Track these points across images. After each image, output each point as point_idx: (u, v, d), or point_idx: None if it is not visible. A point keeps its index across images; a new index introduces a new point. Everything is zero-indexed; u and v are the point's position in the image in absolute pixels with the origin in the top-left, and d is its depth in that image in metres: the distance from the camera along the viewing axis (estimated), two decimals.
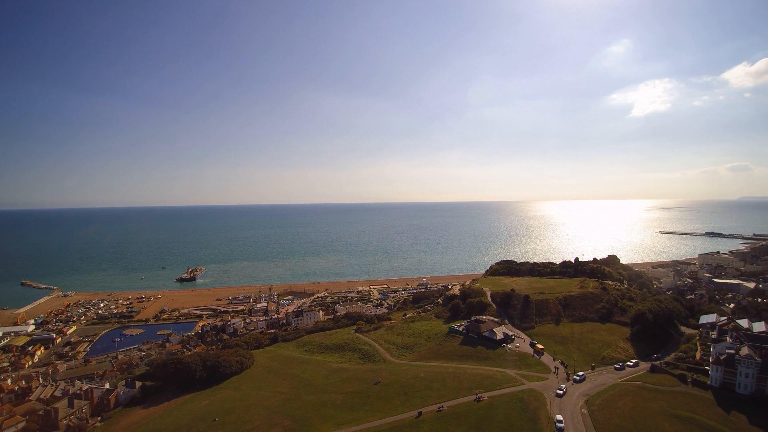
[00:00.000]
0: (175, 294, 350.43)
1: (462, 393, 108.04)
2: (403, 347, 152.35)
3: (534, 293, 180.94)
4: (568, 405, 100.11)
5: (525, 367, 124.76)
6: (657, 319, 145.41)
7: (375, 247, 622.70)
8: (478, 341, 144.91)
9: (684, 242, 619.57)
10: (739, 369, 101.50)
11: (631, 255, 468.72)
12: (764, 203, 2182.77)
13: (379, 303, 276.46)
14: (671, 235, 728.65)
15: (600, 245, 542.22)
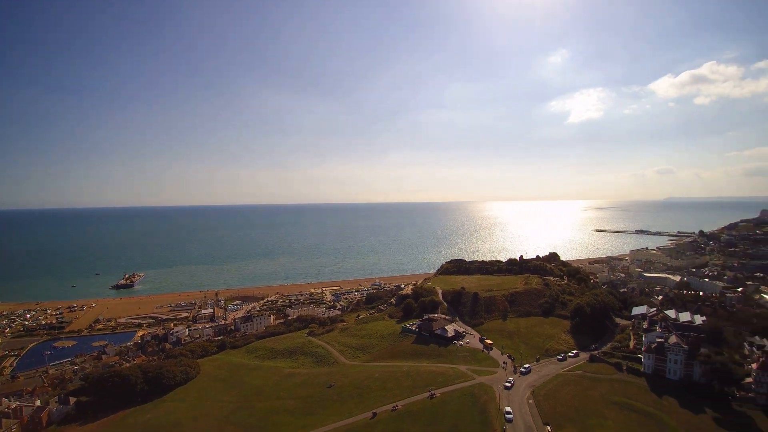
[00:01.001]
0: (110, 302, 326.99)
1: (416, 391, 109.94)
2: (356, 348, 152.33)
3: (483, 291, 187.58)
4: (516, 396, 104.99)
5: (475, 363, 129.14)
6: (594, 312, 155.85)
7: (327, 249, 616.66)
8: (430, 339, 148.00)
9: (617, 239, 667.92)
10: (668, 356, 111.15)
11: (570, 252, 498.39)
12: (687, 203, 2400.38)
13: (332, 305, 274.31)
14: (605, 233, 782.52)
15: (542, 243, 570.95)
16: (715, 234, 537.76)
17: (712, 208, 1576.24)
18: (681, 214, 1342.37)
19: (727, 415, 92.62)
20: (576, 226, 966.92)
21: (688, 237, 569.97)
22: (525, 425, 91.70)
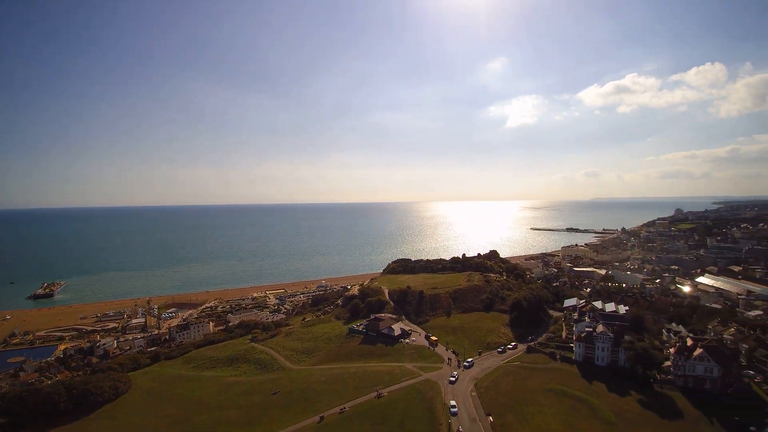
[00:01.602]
0: (28, 314, 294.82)
1: (364, 391, 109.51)
2: (303, 352, 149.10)
3: (428, 289, 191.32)
4: (460, 390, 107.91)
5: (421, 360, 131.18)
6: (530, 306, 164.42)
7: (270, 251, 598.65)
8: (377, 339, 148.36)
9: (550, 237, 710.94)
10: (596, 344, 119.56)
11: (508, 249, 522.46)
12: (611, 204, 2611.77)
13: (276, 309, 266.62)
14: (540, 231, 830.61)
15: (483, 242, 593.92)
16: (636, 231, 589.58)
17: (633, 208, 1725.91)
18: (605, 213, 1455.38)
19: (650, 397, 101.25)
20: (513, 225, 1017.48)
21: (612, 234, 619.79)
22: (469, 417, 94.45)
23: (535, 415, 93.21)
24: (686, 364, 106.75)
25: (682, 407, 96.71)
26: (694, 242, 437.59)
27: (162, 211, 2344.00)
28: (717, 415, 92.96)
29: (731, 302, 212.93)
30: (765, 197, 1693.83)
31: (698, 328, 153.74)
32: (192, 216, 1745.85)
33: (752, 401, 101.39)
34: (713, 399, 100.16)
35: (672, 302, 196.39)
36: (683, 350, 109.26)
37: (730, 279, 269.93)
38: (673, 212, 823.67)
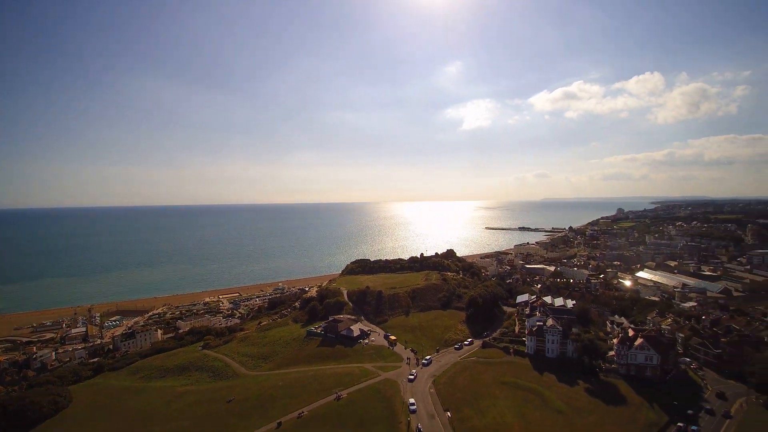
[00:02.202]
0: None
1: (323, 394, 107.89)
2: (259, 358, 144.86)
3: (387, 289, 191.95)
4: (419, 387, 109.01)
5: (381, 359, 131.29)
6: (485, 302, 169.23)
7: (224, 253, 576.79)
8: (336, 340, 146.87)
9: (503, 236, 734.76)
10: (547, 337, 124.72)
11: (464, 248, 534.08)
12: (559, 203, 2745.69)
13: (230, 313, 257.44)
14: (494, 230, 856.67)
15: (441, 241, 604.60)
16: (582, 229, 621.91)
17: (579, 208, 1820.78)
18: (555, 212, 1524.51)
19: (596, 386, 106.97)
20: (469, 224, 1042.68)
21: (560, 232, 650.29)
22: (427, 414, 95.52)
23: (490, 407, 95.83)
24: (628, 353, 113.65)
25: (626, 394, 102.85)
26: (634, 239, 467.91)
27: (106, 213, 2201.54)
28: (657, 401, 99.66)
29: (668, 295, 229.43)
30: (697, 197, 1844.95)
31: (639, 320, 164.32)
32: (140, 217, 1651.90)
33: (689, 386, 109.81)
34: (654, 385, 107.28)
35: (615, 296, 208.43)
36: (625, 340, 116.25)
37: (667, 273, 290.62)
38: (615, 212, 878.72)
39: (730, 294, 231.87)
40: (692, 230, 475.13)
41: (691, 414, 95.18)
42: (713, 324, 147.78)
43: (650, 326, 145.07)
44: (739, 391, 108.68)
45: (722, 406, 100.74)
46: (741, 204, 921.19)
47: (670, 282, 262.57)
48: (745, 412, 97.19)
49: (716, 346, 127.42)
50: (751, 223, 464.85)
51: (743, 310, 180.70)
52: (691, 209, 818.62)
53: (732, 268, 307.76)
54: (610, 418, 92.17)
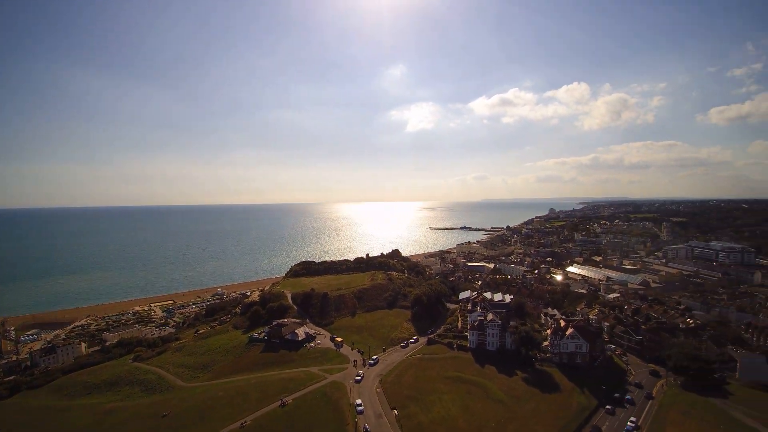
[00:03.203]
0: None
1: (267, 402, 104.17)
2: (196, 368, 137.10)
3: (332, 290, 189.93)
4: (366, 388, 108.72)
5: (327, 362, 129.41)
6: (430, 300, 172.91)
7: (155, 258, 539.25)
8: (280, 345, 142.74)
9: (446, 235, 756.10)
10: (487, 331, 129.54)
11: (409, 248, 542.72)
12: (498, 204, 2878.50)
13: (163, 322, 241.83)
14: (437, 230, 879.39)
15: (386, 241, 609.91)
16: (518, 228, 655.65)
17: (516, 208, 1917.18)
18: (494, 212, 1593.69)
19: (533, 375, 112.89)
20: (414, 224, 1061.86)
21: (499, 231, 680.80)
22: (374, 413, 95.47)
23: (435, 402, 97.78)
24: (561, 342, 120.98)
25: (559, 381, 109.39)
26: (565, 237, 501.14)
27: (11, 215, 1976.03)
28: (587, 386, 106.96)
29: (594, 287, 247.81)
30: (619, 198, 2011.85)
31: (569, 311, 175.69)
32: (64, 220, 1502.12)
33: (615, 371, 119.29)
34: (583, 371, 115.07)
35: (548, 290, 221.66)
36: (558, 331, 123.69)
37: (593, 268, 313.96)
38: (548, 212, 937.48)
39: (648, 285, 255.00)
40: (615, 228, 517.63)
41: (618, 397, 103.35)
42: (634, 313, 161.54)
43: (579, 317, 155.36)
44: (658, 373, 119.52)
45: (644, 387, 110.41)
46: (657, 204, 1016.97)
47: (596, 275, 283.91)
48: (665, 393, 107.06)
49: (637, 333, 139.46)
50: (665, 222, 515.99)
51: (660, 299, 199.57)
52: (614, 209, 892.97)
53: (649, 262, 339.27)
54: (545, 405, 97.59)
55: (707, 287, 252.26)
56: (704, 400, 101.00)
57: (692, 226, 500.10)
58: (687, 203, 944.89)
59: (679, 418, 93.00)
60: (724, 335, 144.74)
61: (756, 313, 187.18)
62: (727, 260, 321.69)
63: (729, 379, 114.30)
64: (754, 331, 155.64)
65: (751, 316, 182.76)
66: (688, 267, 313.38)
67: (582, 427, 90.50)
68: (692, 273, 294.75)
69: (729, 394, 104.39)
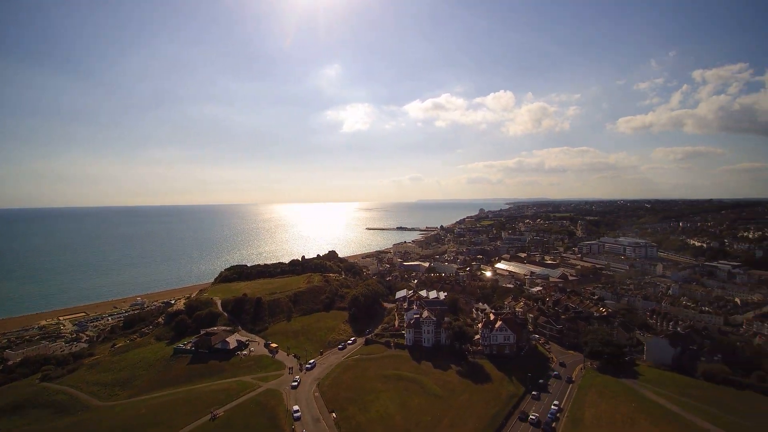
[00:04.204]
0: None
1: (196, 416, 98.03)
2: (115, 385, 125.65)
3: (266, 294, 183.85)
4: (303, 393, 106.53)
5: (261, 370, 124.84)
6: (367, 300, 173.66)
7: (62, 266, 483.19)
8: (210, 356, 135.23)
9: (383, 235, 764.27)
10: (423, 328, 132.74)
11: (346, 249, 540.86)
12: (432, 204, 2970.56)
13: (75, 337, 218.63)
14: (374, 230, 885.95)
15: (323, 243, 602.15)
16: (451, 228, 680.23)
17: (449, 208, 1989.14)
18: (428, 213, 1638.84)
19: (466, 367, 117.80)
20: (350, 225, 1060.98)
21: (433, 231, 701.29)
22: (312, 418, 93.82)
23: (374, 402, 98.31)
24: (491, 335, 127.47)
25: (490, 372, 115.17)
26: (493, 235, 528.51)
27: None
28: (515, 374, 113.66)
29: (520, 282, 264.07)
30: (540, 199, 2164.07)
31: (498, 305, 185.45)
32: None
33: (539, 359, 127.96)
34: (511, 361, 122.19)
35: (479, 285, 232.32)
36: (488, 324, 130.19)
37: (519, 263, 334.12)
38: (478, 212, 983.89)
39: (566, 278, 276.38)
40: (537, 226, 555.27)
41: (542, 382, 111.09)
42: (555, 304, 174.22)
43: (507, 310, 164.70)
44: (577, 359, 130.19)
45: (565, 372, 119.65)
46: (573, 204, 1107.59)
47: (521, 271, 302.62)
48: (583, 376, 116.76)
49: (558, 322, 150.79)
50: (580, 220, 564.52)
51: (577, 291, 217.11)
52: (536, 209, 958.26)
53: (567, 257, 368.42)
54: (478, 396, 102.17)
55: (617, 279, 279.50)
56: (617, 381, 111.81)
57: (603, 223, 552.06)
58: (599, 203, 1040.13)
59: (596, 398, 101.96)
60: (632, 321, 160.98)
61: (659, 301, 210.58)
62: (633, 254, 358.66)
63: (638, 360, 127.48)
64: (657, 317, 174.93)
65: (655, 303, 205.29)
66: (600, 261, 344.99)
67: (511, 414, 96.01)
68: (604, 266, 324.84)
69: (638, 374, 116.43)
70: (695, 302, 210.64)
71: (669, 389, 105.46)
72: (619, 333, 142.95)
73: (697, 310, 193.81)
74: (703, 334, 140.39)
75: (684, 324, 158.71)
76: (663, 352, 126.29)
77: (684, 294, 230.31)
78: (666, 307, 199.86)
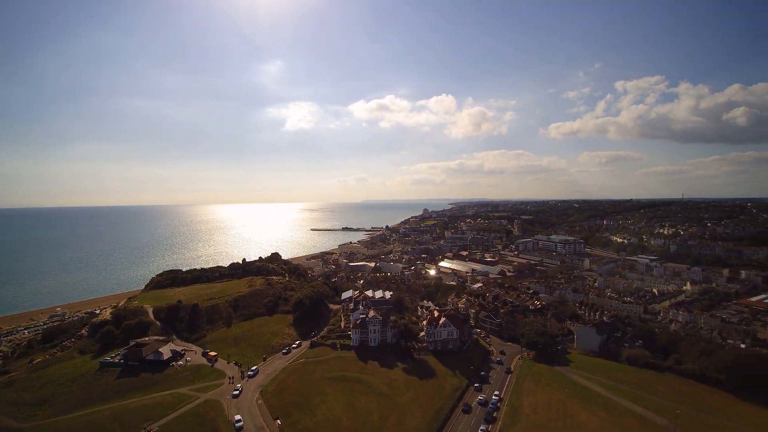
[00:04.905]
0: None
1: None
2: (33, 404, 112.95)
3: (204, 300, 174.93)
4: (245, 401, 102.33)
5: (199, 380, 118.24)
6: (312, 302, 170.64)
7: None
8: (141, 368, 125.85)
9: (328, 236, 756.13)
10: (369, 328, 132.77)
11: (290, 251, 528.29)
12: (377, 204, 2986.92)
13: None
14: (319, 231, 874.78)
15: (265, 245, 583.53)
16: (396, 228, 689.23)
17: (394, 208, 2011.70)
18: (374, 213, 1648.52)
19: (411, 364, 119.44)
20: (295, 226, 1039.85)
21: (378, 231, 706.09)
22: (256, 427, 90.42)
23: (320, 405, 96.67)
24: (435, 331, 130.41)
25: (434, 367, 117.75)
26: (437, 235, 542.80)
27: None
28: (458, 368, 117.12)
29: (462, 279, 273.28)
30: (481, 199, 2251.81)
31: (441, 302, 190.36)
32: None
33: (481, 352, 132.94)
34: (455, 355, 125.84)
35: (423, 284, 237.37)
36: (432, 321, 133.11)
37: (461, 261, 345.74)
38: (422, 212, 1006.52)
39: (504, 274, 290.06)
40: (477, 226, 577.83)
41: (484, 374, 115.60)
42: (494, 299, 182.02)
43: (450, 306, 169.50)
44: (515, 350, 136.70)
45: (504, 363, 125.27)
46: (510, 204, 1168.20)
47: (463, 268, 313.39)
48: (521, 366, 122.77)
49: (497, 316, 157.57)
50: (516, 219, 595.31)
51: (514, 286, 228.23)
52: (477, 209, 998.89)
53: (505, 254, 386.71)
54: (423, 391, 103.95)
55: (549, 273, 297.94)
56: (551, 369, 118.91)
57: (537, 222, 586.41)
58: (533, 203, 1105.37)
59: (533, 386, 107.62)
60: (564, 313, 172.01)
61: (586, 293, 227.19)
62: (564, 250, 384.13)
63: (569, 349, 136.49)
64: (585, 308, 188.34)
65: (583, 295, 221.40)
66: (534, 257, 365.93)
67: (455, 407, 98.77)
68: (538, 262, 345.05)
69: (569, 362, 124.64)
70: (618, 293, 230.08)
71: (597, 374, 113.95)
72: (552, 324, 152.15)
73: (620, 301, 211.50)
74: (625, 322, 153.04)
75: (609, 313, 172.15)
76: (591, 340, 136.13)
77: (608, 286, 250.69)
78: (593, 298, 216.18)
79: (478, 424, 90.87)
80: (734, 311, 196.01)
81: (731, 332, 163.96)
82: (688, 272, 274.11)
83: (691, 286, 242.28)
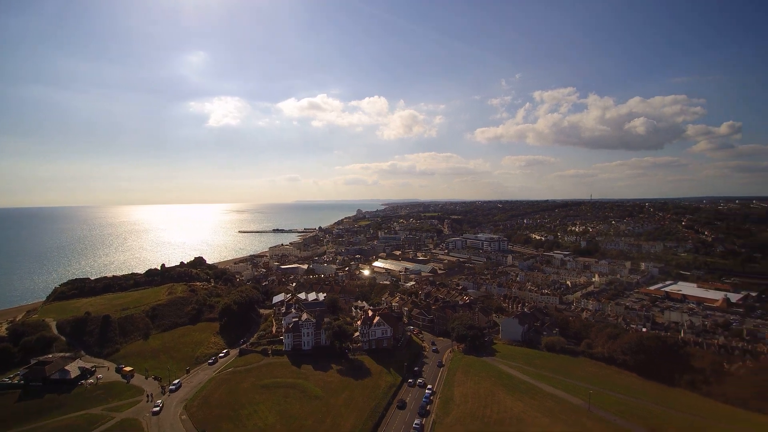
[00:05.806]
0: None
1: None
2: None
3: (116, 311, 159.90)
4: (167, 418, 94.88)
5: (114, 399, 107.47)
6: (241, 308, 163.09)
7: None
8: (45, 389, 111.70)
9: (258, 239, 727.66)
10: (302, 331, 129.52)
11: (216, 254, 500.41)
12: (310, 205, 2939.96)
13: None
14: (247, 233, 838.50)
15: (187, 249, 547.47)
16: (330, 229, 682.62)
17: (327, 209, 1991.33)
18: (306, 214, 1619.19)
19: (346, 365, 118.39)
20: (220, 228, 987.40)
21: (311, 232, 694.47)
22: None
23: (251, 415, 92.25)
24: (369, 330, 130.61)
25: (369, 366, 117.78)
26: (371, 235, 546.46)
27: None
28: (393, 365, 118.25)
29: (396, 278, 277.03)
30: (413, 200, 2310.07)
31: (375, 301, 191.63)
32: None
33: (414, 348, 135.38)
34: (389, 353, 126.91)
35: (357, 284, 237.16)
36: (366, 320, 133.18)
37: (394, 261, 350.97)
38: (356, 212, 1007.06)
39: (436, 272, 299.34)
40: (410, 226, 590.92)
41: (417, 369, 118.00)
42: (426, 296, 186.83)
43: (384, 305, 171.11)
44: (447, 344, 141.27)
45: (436, 357, 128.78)
46: (440, 205, 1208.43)
47: (397, 267, 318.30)
48: (452, 359, 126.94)
49: (429, 313, 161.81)
50: (446, 219, 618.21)
51: (444, 283, 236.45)
52: (409, 209, 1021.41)
53: (436, 252, 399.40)
54: (359, 391, 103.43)
55: (476, 270, 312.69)
56: (479, 359, 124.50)
57: (465, 222, 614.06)
58: (461, 204, 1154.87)
59: (463, 377, 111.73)
60: (490, 306, 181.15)
61: (510, 287, 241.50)
62: (489, 248, 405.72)
63: (495, 339, 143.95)
64: (509, 301, 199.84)
65: (507, 290, 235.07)
66: (463, 255, 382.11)
67: (390, 404, 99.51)
68: (466, 259, 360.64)
69: (495, 351, 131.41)
70: (537, 286, 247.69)
71: (519, 362, 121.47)
72: (479, 317, 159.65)
73: (539, 293, 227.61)
74: (544, 312, 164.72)
75: (529, 305, 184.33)
76: (514, 330, 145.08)
77: (529, 280, 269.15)
78: (515, 292, 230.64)
79: (412, 419, 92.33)
80: (636, 299, 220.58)
81: (634, 318, 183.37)
82: (597, 265, 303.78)
83: (599, 277, 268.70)
